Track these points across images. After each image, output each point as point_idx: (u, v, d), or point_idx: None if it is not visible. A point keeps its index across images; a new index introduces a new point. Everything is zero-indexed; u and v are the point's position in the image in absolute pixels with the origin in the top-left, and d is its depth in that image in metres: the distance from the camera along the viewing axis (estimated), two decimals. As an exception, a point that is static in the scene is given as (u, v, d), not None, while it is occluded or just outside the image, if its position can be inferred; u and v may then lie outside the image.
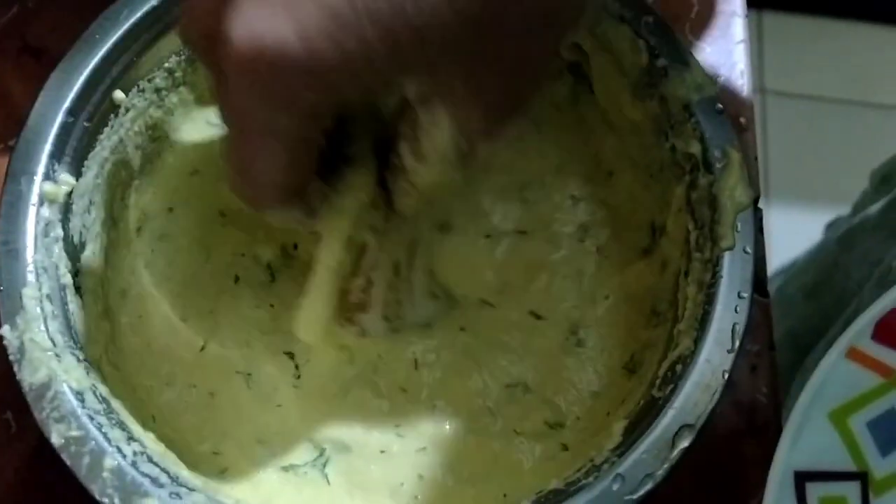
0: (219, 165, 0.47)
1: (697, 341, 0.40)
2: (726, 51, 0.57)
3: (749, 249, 0.41)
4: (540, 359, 0.46)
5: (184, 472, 0.40)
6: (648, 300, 0.46)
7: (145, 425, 0.42)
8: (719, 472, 0.49)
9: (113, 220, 0.47)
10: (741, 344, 0.39)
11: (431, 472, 0.44)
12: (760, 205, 0.45)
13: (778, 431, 0.50)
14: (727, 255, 0.41)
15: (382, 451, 0.45)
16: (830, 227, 0.94)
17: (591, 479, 0.38)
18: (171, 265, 0.47)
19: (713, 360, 0.39)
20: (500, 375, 0.46)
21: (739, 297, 0.40)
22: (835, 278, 0.81)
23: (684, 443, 0.38)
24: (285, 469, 0.44)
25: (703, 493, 0.48)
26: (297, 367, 0.46)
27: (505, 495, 0.43)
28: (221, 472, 0.43)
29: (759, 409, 0.50)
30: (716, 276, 0.41)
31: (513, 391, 0.46)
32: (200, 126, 0.50)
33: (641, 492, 0.37)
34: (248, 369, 0.45)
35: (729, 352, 0.39)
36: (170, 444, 0.43)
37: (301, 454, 0.44)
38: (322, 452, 0.44)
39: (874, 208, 0.80)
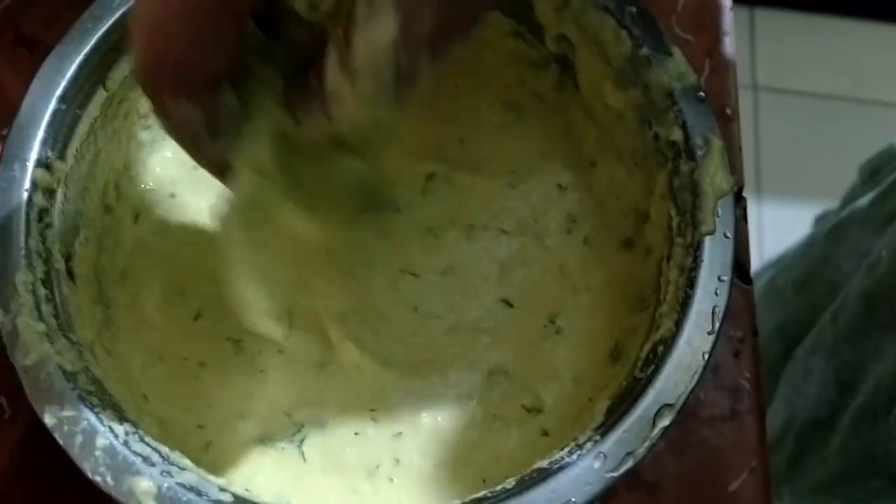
0: None
1: (678, 324, 0.40)
2: (713, 43, 0.58)
3: (729, 234, 0.42)
4: (518, 345, 0.47)
5: (175, 452, 0.40)
6: (633, 287, 0.47)
7: (138, 407, 0.43)
8: (702, 455, 0.50)
9: (106, 207, 0.47)
10: (721, 326, 0.40)
11: (407, 456, 0.45)
12: (752, 199, 0.46)
13: (760, 416, 0.51)
14: (708, 240, 0.42)
15: (357, 434, 0.45)
16: (819, 220, 0.95)
17: (574, 457, 0.38)
18: (174, 244, 0.48)
19: (693, 341, 0.40)
20: (479, 362, 0.47)
21: (719, 280, 0.41)
22: (823, 271, 0.82)
23: (665, 422, 0.39)
24: (264, 443, 0.45)
25: (686, 476, 0.49)
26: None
27: (484, 480, 0.44)
28: (206, 446, 0.44)
29: (743, 393, 0.51)
30: (696, 261, 0.41)
31: (494, 378, 0.47)
32: None
33: (623, 469, 0.38)
34: (238, 335, 0.46)
35: (709, 333, 0.40)
36: (160, 422, 0.43)
37: (280, 429, 0.45)
38: (300, 429, 0.45)
39: (863, 201, 0.80)
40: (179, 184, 0.50)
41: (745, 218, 0.51)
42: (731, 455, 0.50)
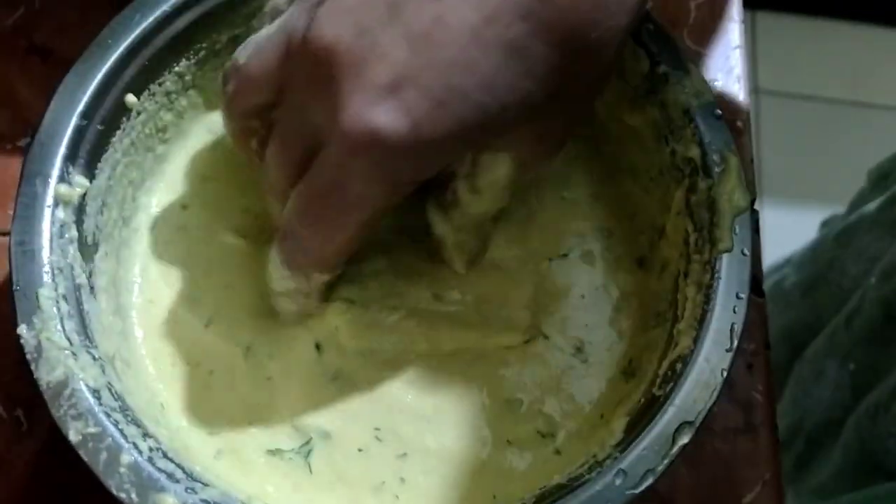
0: (227, 173, 0.50)
1: (697, 341, 0.41)
2: (723, 56, 0.59)
3: (746, 251, 0.42)
4: (539, 374, 0.47)
5: (197, 467, 0.40)
6: (649, 304, 0.47)
7: (157, 421, 0.43)
8: (715, 468, 0.50)
9: (124, 220, 0.48)
10: (739, 343, 0.41)
11: (413, 476, 0.44)
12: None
13: (773, 428, 0.51)
14: (725, 257, 0.42)
15: (360, 450, 0.45)
16: (826, 224, 0.95)
17: (593, 474, 0.39)
18: (186, 253, 0.48)
19: (712, 359, 0.40)
20: (495, 390, 0.46)
21: (737, 297, 0.41)
22: (830, 275, 0.82)
23: (684, 439, 0.39)
24: (272, 454, 0.45)
25: (699, 490, 0.50)
26: (293, 338, 0.47)
27: (494, 496, 0.44)
28: (217, 454, 0.44)
29: (755, 406, 0.51)
30: (714, 278, 0.42)
31: (509, 405, 0.46)
32: (203, 134, 0.51)
33: (643, 486, 0.38)
34: (249, 342, 0.46)
35: (727, 351, 0.40)
36: (174, 432, 0.44)
37: (287, 440, 0.45)
38: (307, 441, 0.45)
39: (872, 206, 0.81)
40: (190, 195, 0.50)
41: (757, 231, 0.51)
42: (744, 468, 0.50)
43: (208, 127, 0.51)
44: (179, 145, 0.51)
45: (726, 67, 0.59)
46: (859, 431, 0.71)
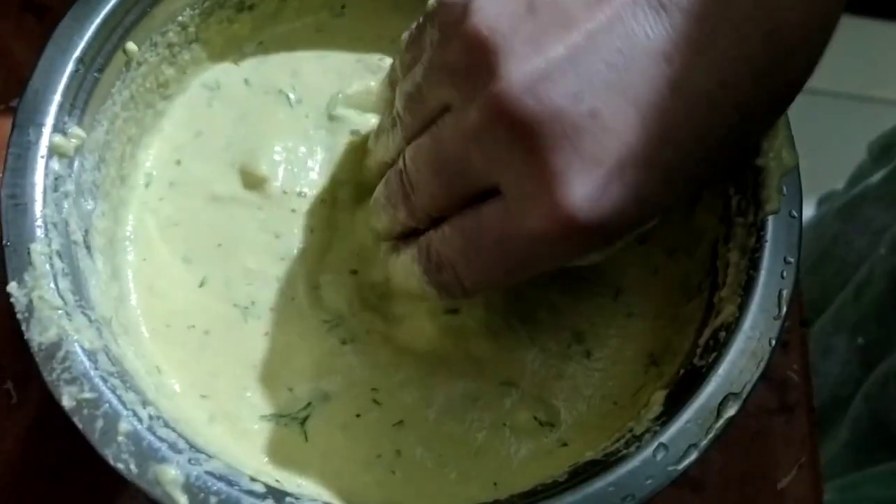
0: (222, 128, 0.48)
1: (742, 308, 0.38)
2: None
3: (795, 213, 0.39)
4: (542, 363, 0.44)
5: (199, 439, 0.37)
6: (678, 284, 0.44)
7: (156, 388, 0.40)
8: (749, 450, 0.47)
9: (121, 179, 0.45)
10: (788, 310, 0.38)
11: (409, 449, 0.42)
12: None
13: (809, 410, 0.48)
14: (771, 219, 0.39)
15: (358, 416, 0.42)
16: (824, 201, 0.94)
17: (631, 448, 0.36)
18: (178, 210, 0.46)
19: (759, 326, 0.37)
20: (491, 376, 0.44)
21: (785, 262, 0.39)
22: (835, 251, 0.81)
23: (730, 412, 0.36)
24: (267, 419, 0.42)
25: (732, 472, 0.47)
26: (292, 298, 0.44)
27: (496, 483, 0.41)
28: (210, 420, 0.42)
29: (791, 386, 0.49)
30: (760, 241, 0.39)
31: (507, 389, 0.44)
32: (198, 88, 0.49)
33: (686, 462, 0.35)
34: (246, 302, 0.44)
35: (775, 319, 0.38)
36: (170, 397, 0.41)
37: (283, 404, 0.42)
38: (305, 406, 0.42)
39: (875, 178, 0.80)
40: (184, 150, 0.48)
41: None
42: (779, 450, 0.47)
43: (203, 82, 0.49)
44: (178, 102, 0.48)
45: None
46: (869, 402, 0.69)
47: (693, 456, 0.35)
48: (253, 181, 0.46)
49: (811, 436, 0.48)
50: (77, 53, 0.41)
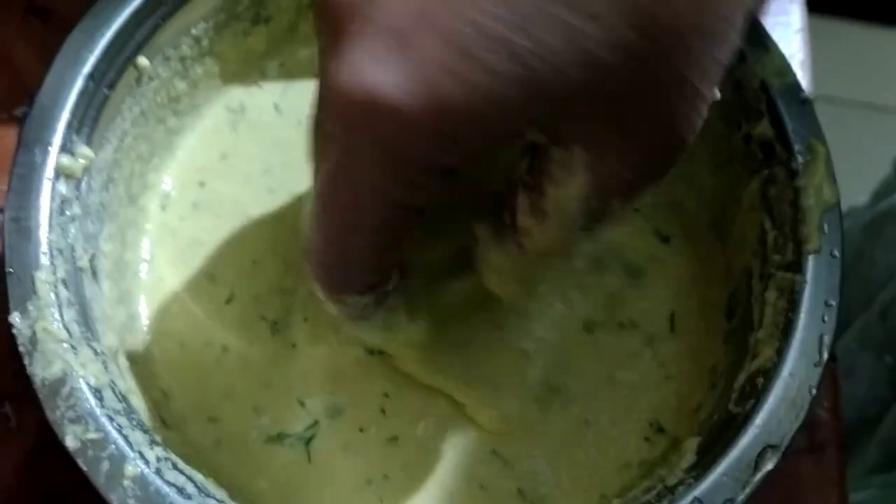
0: (250, 152, 0.47)
1: (780, 353, 0.36)
2: (784, 40, 0.54)
3: (836, 253, 0.37)
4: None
5: (210, 480, 0.36)
6: (714, 311, 0.43)
7: (164, 424, 0.38)
8: (776, 491, 0.45)
9: (130, 199, 0.43)
10: (829, 358, 0.36)
11: (395, 473, 0.41)
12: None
13: (839, 448, 0.47)
14: (812, 259, 0.37)
15: (361, 430, 0.42)
16: (848, 216, 0.93)
17: (664, 502, 0.34)
18: (203, 230, 0.45)
19: (798, 373, 0.36)
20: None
21: (826, 305, 0.37)
22: (859, 267, 0.79)
23: (768, 465, 0.34)
24: (272, 440, 0.41)
25: (758, 513, 0.45)
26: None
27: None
28: (216, 444, 0.41)
29: (820, 425, 0.47)
30: (800, 282, 0.37)
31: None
32: (220, 111, 0.47)
33: (721, 519, 0.33)
34: (277, 314, 0.43)
35: (815, 365, 0.36)
36: (176, 422, 0.40)
37: (292, 421, 0.42)
38: (313, 424, 0.41)
39: (900, 195, 0.78)
40: (208, 172, 0.46)
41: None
42: (808, 492, 0.46)
43: (226, 104, 0.48)
44: (192, 120, 0.47)
45: (787, 53, 0.54)
46: None
47: (728, 512, 0.34)
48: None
49: (840, 475, 0.46)
50: (87, 69, 0.39)
